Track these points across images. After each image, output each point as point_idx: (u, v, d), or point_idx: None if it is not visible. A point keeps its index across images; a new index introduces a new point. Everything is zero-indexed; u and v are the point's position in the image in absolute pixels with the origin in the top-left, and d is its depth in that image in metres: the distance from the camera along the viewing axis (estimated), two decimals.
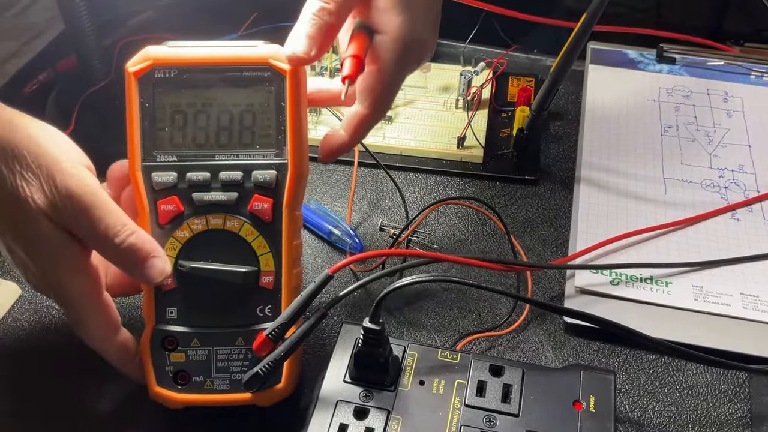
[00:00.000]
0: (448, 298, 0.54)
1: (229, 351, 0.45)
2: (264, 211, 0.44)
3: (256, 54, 0.45)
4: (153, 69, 0.44)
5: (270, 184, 0.44)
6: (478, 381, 0.44)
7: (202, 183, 0.44)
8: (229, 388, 0.45)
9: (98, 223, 0.41)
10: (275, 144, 0.44)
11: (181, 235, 0.44)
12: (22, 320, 0.53)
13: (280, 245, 0.45)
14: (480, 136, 0.64)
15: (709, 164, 0.63)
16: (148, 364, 0.45)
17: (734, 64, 0.73)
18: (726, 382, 0.49)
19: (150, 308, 0.45)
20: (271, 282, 0.45)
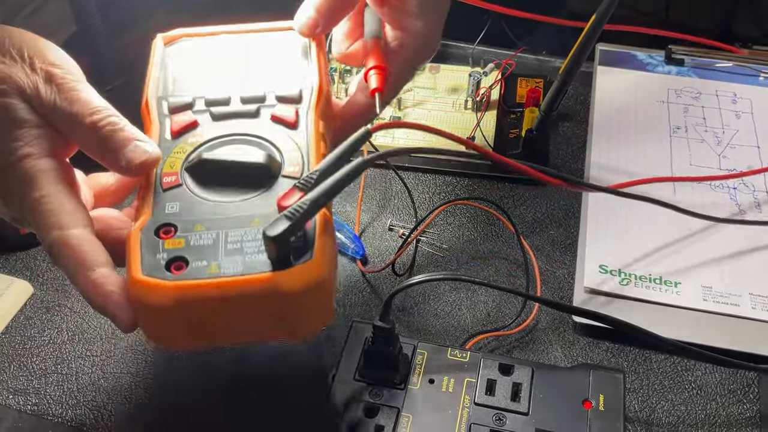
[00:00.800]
0: (457, 297, 0.54)
1: (243, 232, 0.35)
2: (288, 115, 0.41)
3: (280, 24, 0.47)
4: (182, 39, 0.46)
5: (294, 96, 0.42)
6: (488, 380, 0.45)
7: (221, 101, 0.41)
8: (242, 270, 0.34)
9: (76, 104, 0.39)
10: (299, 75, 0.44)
11: (192, 141, 0.39)
12: (34, 318, 0.53)
13: (306, 144, 0.39)
14: (489, 137, 0.65)
15: (718, 165, 0.63)
16: (132, 254, 0.35)
17: (743, 66, 0.73)
18: (735, 381, 0.49)
19: (145, 203, 0.37)
20: (298, 172, 0.38)
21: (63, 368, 0.50)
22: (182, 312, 0.34)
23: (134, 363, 0.50)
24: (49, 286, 0.55)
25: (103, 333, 0.52)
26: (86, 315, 0.53)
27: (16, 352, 0.51)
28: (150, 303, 0.34)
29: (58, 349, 0.51)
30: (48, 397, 0.48)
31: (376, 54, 0.47)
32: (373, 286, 0.55)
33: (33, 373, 0.50)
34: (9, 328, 0.52)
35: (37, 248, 0.58)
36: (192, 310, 0.34)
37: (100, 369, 0.50)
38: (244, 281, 0.33)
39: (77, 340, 0.52)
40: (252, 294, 0.34)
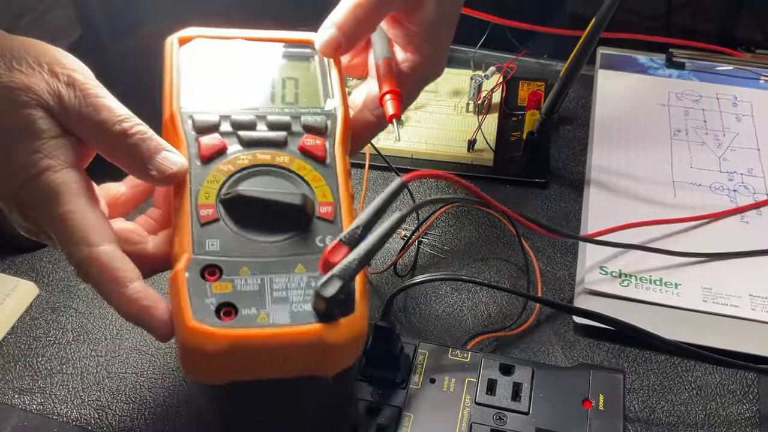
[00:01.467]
0: (458, 298, 0.55)
1: (287, 279, 0.36)
2: (317, 148, 0.41)
3: (298, 36, 0.46)
4: (197, 40, 0.44)
5: (321, 126, 0.42)
6: (489, 379, 0.45)
7: (248, 124, 0.41)
8: (289, 320, 0.35)
9: (103, 111, 0.38)
10: (322, 99, 0.44)
11: (224, 169, 0.39)
12: (40, 318, 0.54)
13: (336, 182, 0.40)
14: (490, 140, 0.65)
15: (719, 168, 0.63)
16: (181, 296, 0.35)
17: (744, 69, 0.73)
18: (735, 382, 0.49)
19: (183, 240, 0.37)
20: (331, 212, 0.39)
21: (68, 368, 0.50)
22: (232, 359, 0.35)
23: (138, 363, 0.50)
24: (55, 287, 0.56)
25: (107, 333, 0.52)
26: (91, 315, 0.54)
27: (21, 352, 0.51)
28: (203, 350, 0.34)
29: (63, 349, 0.52)
30: (53, 397, 0.49)
31: (389, 78, 0.47)
32: (375, 287, 0.56)
33: (38, 372, 0.50)
34: (15, 329, 0.53)
35: (42, 250, 0.58)
36: (242, 358, 0.35)
37: (104, 369, 0.50)
38: (295, 333, 0.35)
39: (82, 341, 0.52)
40: (301, 345, 0.35)
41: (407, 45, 0.48)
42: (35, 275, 0.57)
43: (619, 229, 0.56)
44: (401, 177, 0.39)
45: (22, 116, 0.38)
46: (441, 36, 0.49)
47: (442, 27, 0.48)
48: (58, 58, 0.40)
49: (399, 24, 0.48)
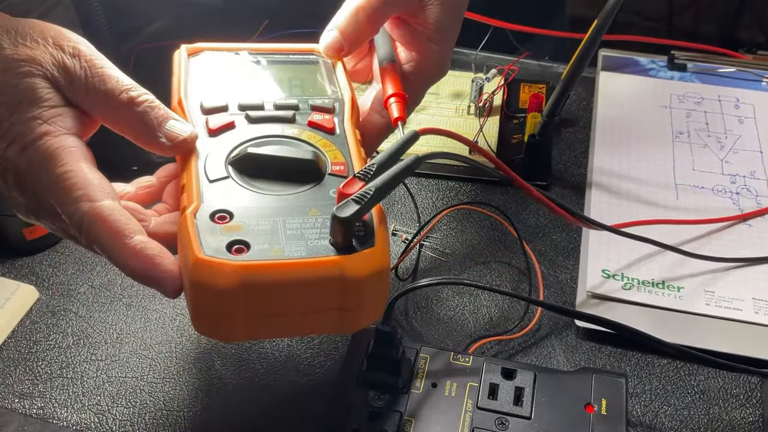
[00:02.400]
0: (459, 301, 0.54)
1: (301, 221, 0.35)
2: (326, 122, 0.41)
3: (303, 46, 0.47)
4: (205, 52, 0.46)
5: (329, 105, 0.43)
6: (490, 384, 0.45)
7: (256, 105, 0.42)
8: (306, 253, 0.34)
9: (110, 81, 0.39)
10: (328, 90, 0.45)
11: (233, 138, 0.39)
12: (40, 322, 0.53)
13: (348, 149, 0.40)
14: (492, 142, 0.65)
15: (721, 170, 0.63)
16: (189, 235, 0.33)
17: (746, 71, 0.73)
18: (738, 386, 0.49)
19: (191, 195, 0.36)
20: (344, 170, 0.39)
21: (68, 372, 0.50)
22: (245, 296, 0.33)
23: (138, 367, 0.50)
24: (55, 291, 0.55)
25: (107, 337, 0.52)
26: (91, 319, 0.54)
27: (21, 357, 0.51)
28: (214, 284, 0.32)
29: (63, 353, 0.51)
30: (53, 401, 0.48)
31: (394, 80, 0.47)
32: None
33: (38, 377, 0.50)
34: (15, 333, 0.53)
35: (42, 253, 0.58)
36: (256, 294, 0.33)
37: (104, 373, 0.50)
38: (312, 263, 0.33)
39: (82, 345, 0.52)
40: (319, 277, 0.33)
41: (412, 45, 0.49)
42: (35, 279, 0.56)
43: (624, 226, 0.56)
44: (416, 130, 0.39)
45: (24, 86, 0.38)
46: (446, 35, 0.49)
47: (447, 26, 0.48)
48: (63, 33, 0.41)
49: (403, 23, 0.48)
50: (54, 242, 0.59)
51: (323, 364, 0.50)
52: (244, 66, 0.46)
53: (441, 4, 0.47)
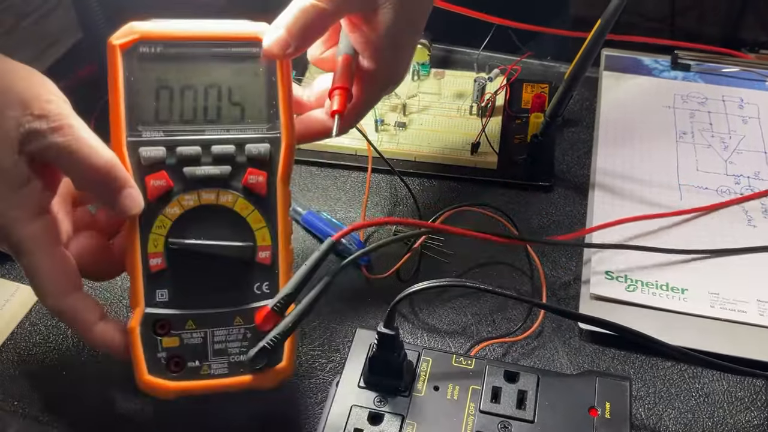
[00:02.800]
0: (461, 302, 0.54)
1: (226, 332, 0.43)
2: (259, 185, 0.43)
3: (246, 30, 0.44)
4: (138, 43, 0.42)
5: (264, 157, 0.43)
6: (493, 387, 0.44)
7: (193, 157, 0.42)
8: (227, 372, 0.43)
9: (76, 143, 0.40)
10: (267, 118, 0.44)
11: (171, 212, 0.42)
12: (40, 324, 0.53)
13: (276, 220, 0.43)
14: (494, 143, 0.65)
15: (725, 171, 0.62)
16: (137, 351, 0.42)
17: (750, 71, 0.72)
18: (743, 389, 0.49)
19: (137, 291, 0.42)
20: (268, 257, 0.43)
21: (68, 374, 0.50)
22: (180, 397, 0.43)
23: None
24: None
25: None
26: None
27: (21, 359, 0.51)
28: (156, 395, 0.42)
29: (63, 355, 0.51)
30: (53, 404, 0.48)
31: (343, 74, 0.47)
32: (377, 292, 0.55)
33: (38, 379, 0.50)
34: (14, 335, 0.52)
35: None
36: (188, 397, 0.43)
37: (105, 375, 0.50)
38: (231, 382, 0.43)
39: (82, 346, 0.52)
40: (236, 389, 0.43)
41: (365, 51, 0.47)
42: None
43: (624, 221, 0.56)
44: (332, 237, 0.43)
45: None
46: (400, 43, 0.47)
47: (402, 34, 0.47)
48: (30, 88, 0.41)
49: (357, 28, 0.47)
50: None
51: (324, 366, 0.50)
52: (181, 68, 0.43)
53: (394, 10, 0.45)
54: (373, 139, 0.64)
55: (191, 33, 0.43)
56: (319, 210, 0.60)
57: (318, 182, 0.64)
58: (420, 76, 0.71)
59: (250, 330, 0.43)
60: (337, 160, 0.65)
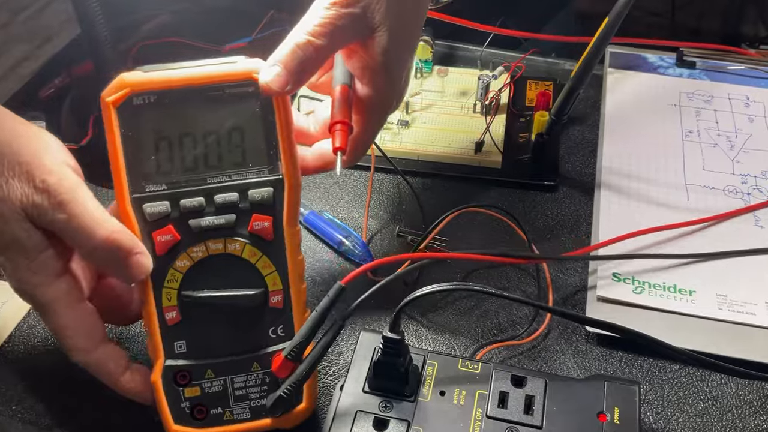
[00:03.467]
0: (467, 305, 0.53)
1: (245, 378, 0.44)
2: (265, 230, 0.43)
3: (238, 70, 0.42)
4: (131, 96, 0.41)
5: (268, 201, 0.43)
6: (500, 392, 0.44)
7: (197, 209, 0.42)
8: (250, 416, 0.44)
9: (77, 219, 0.40)
10: (268, 160, 0.43)
11: (181, 265, 0.43)
12: (38, 326, 0.52)
13: (285, 263, 0.44)
14: (498, 141, 0.64)
15: (732, 170, 0.62)
16: (162, 403, 0.43)
17: (755, 68, 0.72)
18: (752, 392, 0.48)
19: (156, 345, 0.43)
20: (281, 301, 0.44)
21: (67, 378, 0.49)
22: None
23: None
24: None
25: None
26: None
27: (19, 361, 0.50)
28: None
29: (62, 358, 0.50)
30: (53, 408, 0.47)
31: (342, 107, 0.46)
32: (381, 293, 0.54)
33: (37, 382, 0.49)
34: (12, 337, 0.52)
35: None
36: None
37: None
38: (254, 426, 0.44)
39: None
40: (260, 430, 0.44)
41: (363, 77, 0.46)
42: None
43: (631, 236, 0.55)
44: (340, 282, 0.43)
45: (7, 231, 0.40)
46: (398, 64, 0.47)
47: (399, 55, 0.46)
48: (37, 155, 0.41)
49: (354, 55, 0.46)
50: None
51: (327, 369, 0.49)
52: (177, 117, 0.42)
53: (389, 32, 0.45)
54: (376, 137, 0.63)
55: (183, 78, 0.42)
56: (321, 210, 0.59)
57: (320, 181, 0.63)
58: (423, 74, 0.70)
59: (268, 374, 0.44)
60: None
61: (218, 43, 0.74)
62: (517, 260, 0.52)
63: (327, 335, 0.43)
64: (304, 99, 0.64)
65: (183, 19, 0.79)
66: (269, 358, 0.43)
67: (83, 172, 0.44)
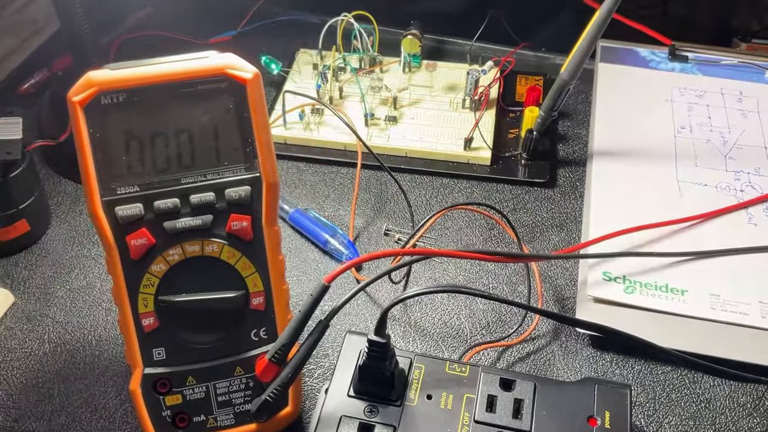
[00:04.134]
0: (454, 305, 0.52)
1: (228, 383, 0.42)
2: (244, 230, 0.41)
3: (211, 65, 0.40)
4: (99, 95, 0.39)
5: (246, 200, 0.41)
6: (488, 395, 0.43)
7: (172, 210, 0.40)
8: (234, 422, 0.43)
9: None
10: (244, 158, 0.41)
11: (157, 270, 0.41)
12: (15, 328, 0.51)
13: (265, 263, 0.42)
14: (487, 137, 0.62)
15: (725, 167, 0.61)
16: (142, 413, 0.42)
17: (749, 63, 0.70)
18: (745, 394, 0.47)
19: (134, 352, 0.41)
20: (262, 303, 0.42)
21: (45, 381, 0.48)
22: None
23: (120, 375, 0.48)
24: (31, 295, 0.53)
25: (86, 344, 0.50)
26: (69, 325, 0.51)
27: None
28: None
29: (40, 361, 0.49)
30: (28, 413, 0.46)
31: None
32: (367, 293, 0.53)
33: (12, 387, 0.48)
34: None
35: (18, 255, 0.56)
36: None
37: (82, 382, 0.48)
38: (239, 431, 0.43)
39: (59, 352, 0.50)
40: None
41: None
42: (10, 282, 0.54)
43: (622, 233, 0.54)
44: (323, 280, 0.41)
45: None
46: None
47: None
48: None
49: None
50: (30, 243, 0.56)
51: (312, 372, 0.48)
52: (147, 116, 0.40)
53: None
54: (363, 133, 0.62)
55: (153, 75, 0.40)
56: (307, 208, 0.58)
57: (306, 178, 0.62)
58: (411, 68, 0.69)
59: (251, 378, 0.42)
60: (325, 156, 0.63)
61: (203, 37, 0.72)
62: (507, 259, 0.51)
63: (311, 336, 0.41)
64: (289, 94, 0.63)
65: (165, 11, 0.78)
66: (252, 361, 0.42)
67: (62, 169, 0.42)
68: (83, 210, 0.59)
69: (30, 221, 0.55)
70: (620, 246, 0.54)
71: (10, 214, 0.54)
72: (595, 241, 0.54)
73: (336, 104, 0.65)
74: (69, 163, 0.61)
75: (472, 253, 0.47)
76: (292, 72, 0.69)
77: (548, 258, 0.54)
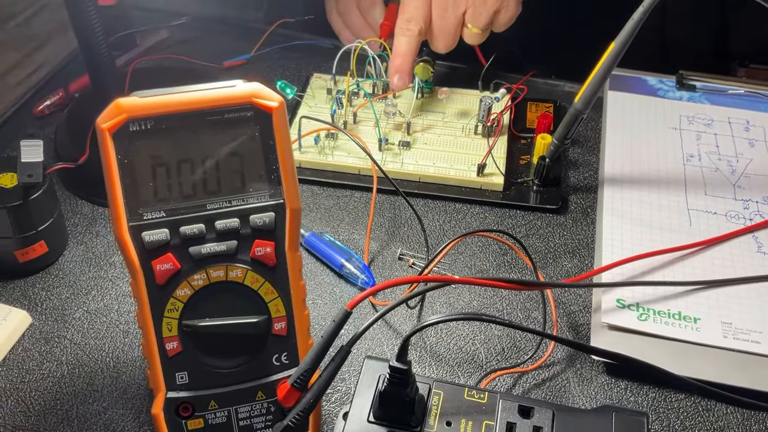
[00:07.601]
0: (470, 331, 0.53)
1: (250, 408, 0.43)
2: (267, 256, 0.42)
3: (238, 93, 0.41)
4: (127, 122, 0.40)
5: (270, 226, 0.42)
6: (507, 422, 0.43)
7: (198, 236, 0.41)
8: None
9: None
10: (268, 185, 0.42)
11: (181, 294, 0.41)
12: (33, 350, 0.51)
13: (288, 288, 0.43)
14: (500, 163, 0.63)
15: (733, 195, 0.62)
16: None
17: (755, 93, 0.72)
18: (758, 422, 0.48)
19: (157, 376, 0.42)
20: (284, 328, 0.43)
21: (63, 403, 0.48)
22: None
23: (137, 398, 0.48)
24: (48, 316, 0.53)
25: (104, 366, 0.50)
26: (86, 347, 0.51)
27: (14, 386, 0.49)
28: None
29: (58, 383, 0.49)
30: None
31: None
32: (384, 318, 0.53)
33: (31, 408, 0.48)
34: (6, 361, 0.50)
35: (35, 276, 0.56)
36: None
37: (101, 405, 0.48)
38: None
39: (77, 374, 0.50)
40: None
41: None
42: (28, 303, 0.54)
43: (634, 259, 0.55)
44: (345, 307, 0.41)
45: None
46: None
47: None
48: None
49: None
50: (47, 264, 0.56)
51: (329, 397, 0.49)
52: (174, 143, 0.41)
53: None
54: (377, 158, 0.63)
55: (181, 103, 0.41)
56: (322, 232, 0.59)
57: (320, 202, 0.62)
58: (424, 94, 0.70)
59: (273, 403, 0.43)
60: (339, 180, 0.63)
61: (217, 60, 0.73)
62: (521, 287, 0.51)
63: (333, 362, 0.41)
64: (305, 120, 0.64)
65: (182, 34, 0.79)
66: (274, 386, 0.42)
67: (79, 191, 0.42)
68: (100, 232, 0.59)
69: (48, 243, 0.55)
70: (632, 271, 0.55)
71: (30, 236, 0.54)
72: (607, 267, 0.55)
73: (350, 129, 0.66)
74: (86, 184, 0.61)
75: (489, 281, 0.48)
76: (306, 96, 0.70)
77: (563, 286, 0.55)
